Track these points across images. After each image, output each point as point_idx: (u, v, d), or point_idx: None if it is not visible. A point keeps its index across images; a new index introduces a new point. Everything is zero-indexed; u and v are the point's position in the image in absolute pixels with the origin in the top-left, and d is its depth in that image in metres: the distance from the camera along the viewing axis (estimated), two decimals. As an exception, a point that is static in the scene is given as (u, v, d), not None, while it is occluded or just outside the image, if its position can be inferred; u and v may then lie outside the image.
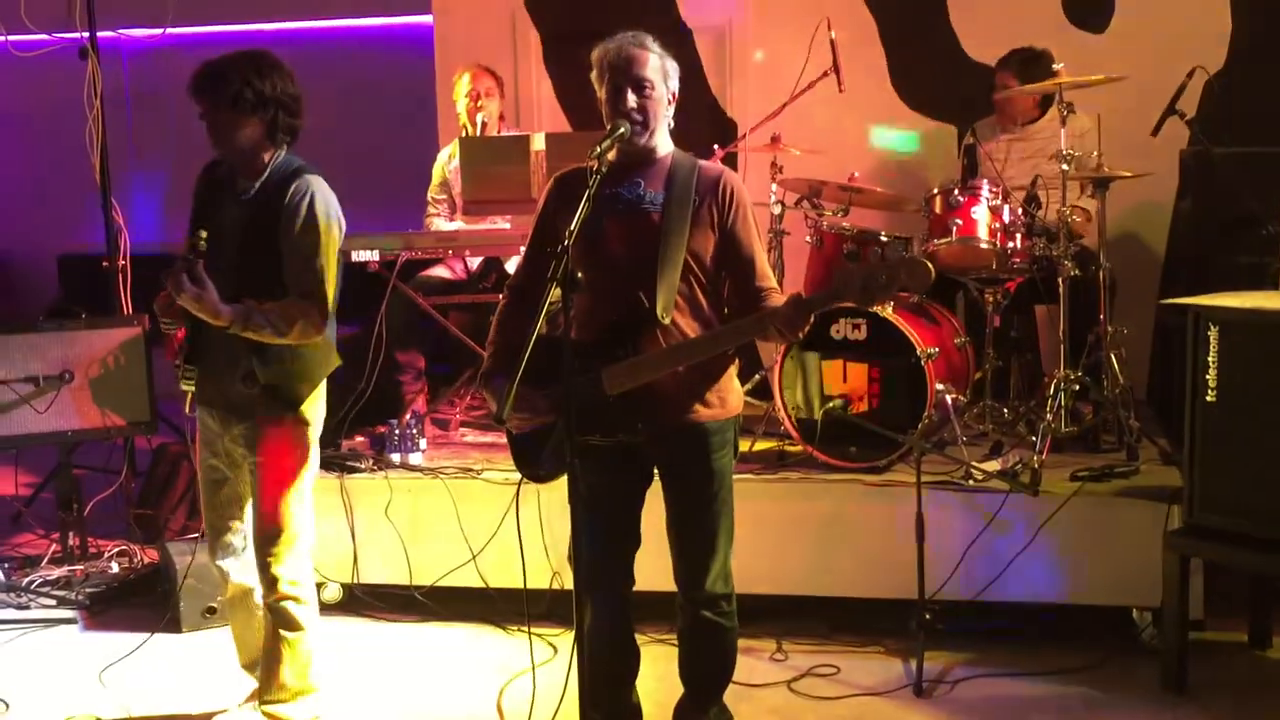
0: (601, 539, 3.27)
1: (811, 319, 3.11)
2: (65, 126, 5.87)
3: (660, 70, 3.25)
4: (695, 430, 3.29)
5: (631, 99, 3.21)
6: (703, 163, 3.34)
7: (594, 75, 3.29)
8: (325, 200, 3.54)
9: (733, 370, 3.38)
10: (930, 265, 2.99)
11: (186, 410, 3.78)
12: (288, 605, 3.67)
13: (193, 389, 3.69)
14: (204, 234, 3.43)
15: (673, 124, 3.34)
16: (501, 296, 3.47)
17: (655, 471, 3.41)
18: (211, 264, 3.44)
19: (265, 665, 3.75)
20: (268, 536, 3.64)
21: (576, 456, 2.94)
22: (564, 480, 2.99)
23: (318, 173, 3.59)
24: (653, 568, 3.45)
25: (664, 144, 3.33)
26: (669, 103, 3.30)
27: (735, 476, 4.42)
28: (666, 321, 3.20)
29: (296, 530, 3.66)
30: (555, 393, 3.19)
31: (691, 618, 3.42)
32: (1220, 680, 4.04)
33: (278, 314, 3.46)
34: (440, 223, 5.73)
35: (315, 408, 3.69)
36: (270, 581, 3.65)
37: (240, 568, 3.78)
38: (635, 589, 3.49)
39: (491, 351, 3.39)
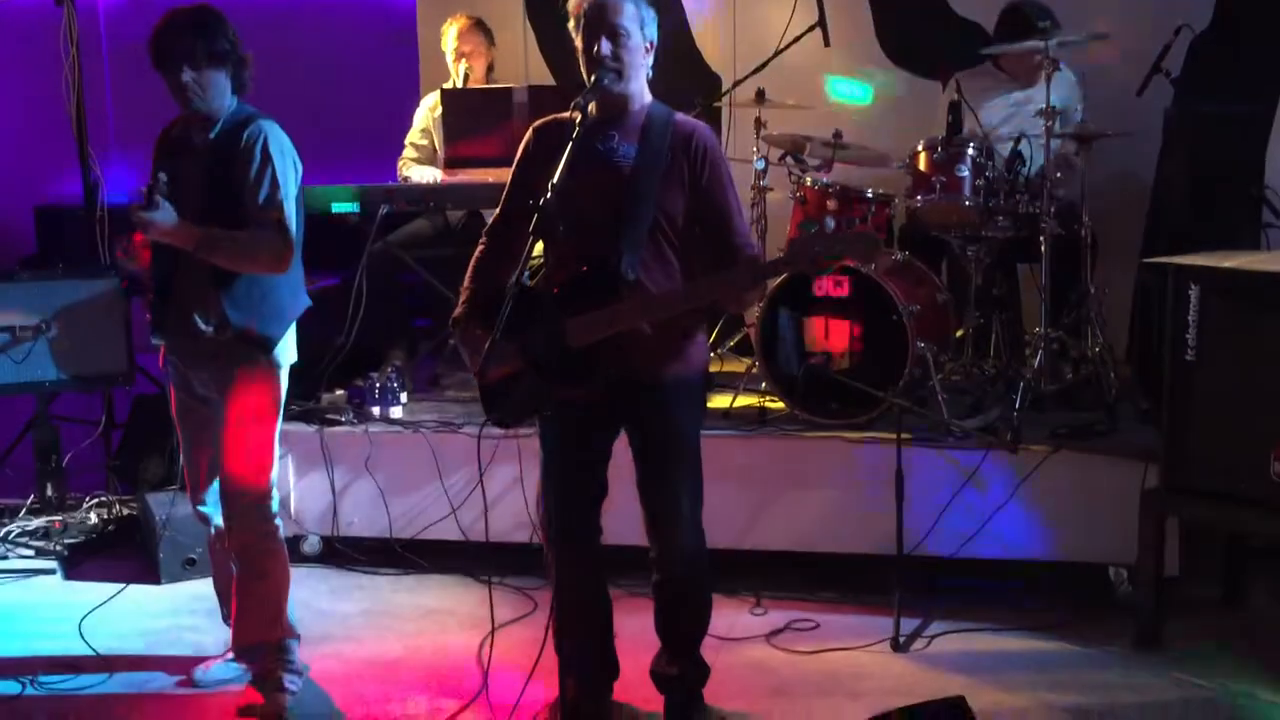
0: (568, 491, 3.28)
1: (764, 285, 3.12)
2: (42, 75, 5.79)
3: (637, 18, 3.21)
4: (658, 386, 3.29)
5: (606, 46, 3.18)
6: (679, 117, 3.31)
7: (571, 25, 3.26)
8: (278, 140, 3.62)
9: (701, 327, 3.38)
10: (878, 239, 3.02)
11: (161, 364, 3.78)
12: (251, 548, 3.69)
13: (163, 340, 3.72)
14: (163, 176, 3.49)
15: (651, 74, 3.31)
16: (480, 242, 3.45)
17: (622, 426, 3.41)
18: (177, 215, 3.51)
19: (237, 610, 3.77)
20: (235, 479, 3.66)
21: (543, 407, 2.97)
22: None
23: (271, 118, 3.66)
24: (629, 522, 3.46)
25: (641, 95, 3.30)
26: (646, 51, 3.26)
27: (716, 433, 4.44)
28: (630, 277, 3.18)
29: (261, 472, 3.69)
30: (522, 343, 3.19)
31: (664, 572, 3.43)
32: (1194, 637, 4.07)
33: (244, 240, 3.54)
34: (416, 169, 5.66)
35: (286, 349, 3.73)
36: (233, 523, 3.68)
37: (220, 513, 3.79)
38: (611, 543, 3.51)
39: (466, 297, 3.38)
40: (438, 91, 5.61)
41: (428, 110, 5.76)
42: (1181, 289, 3.93)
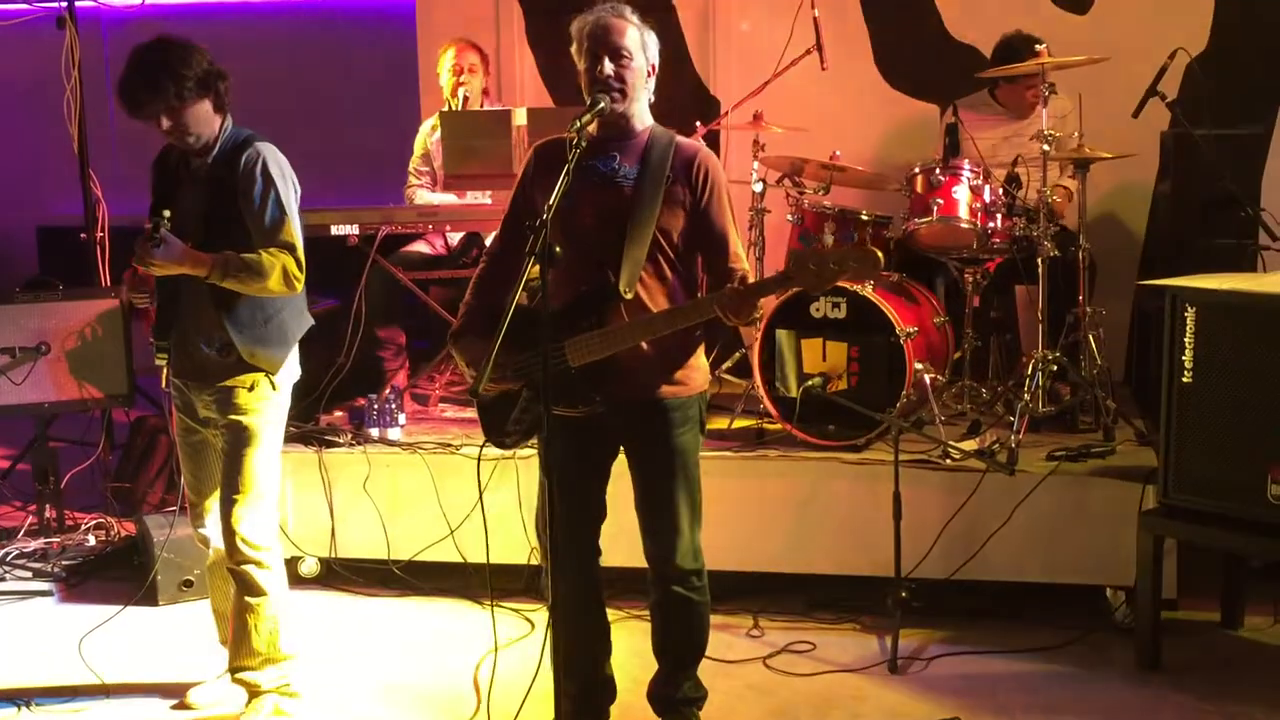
0: (567, 512, 3.28)
1: (759, 304, 3.12)
2: (44, 96, 5.82)
3: (639, 41, 3.25)
4: (656, 406, 3.30)
5: (608, 67, 3.20)
6: (680, 139, 3.34)
7: (574, 49, 3.29)
8: (277, 162, 3.62)
9: (699, 349, 3.38)
10: (879, 254, 3.00)
11: (163, 385, 3.79)
12: (250, 569, 3.69)
13: (166, 362, 3.71)
14: (167, 213, 3.47)
15: (653, 98, 3.34)
16: (481, 260, 3.48)
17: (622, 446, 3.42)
18: None
19: (234, 632, 3.77)
20: (233, 499, 3.66)
21: (540, 427, 2.98)
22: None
23: (266, 139, 3.65)
24: (627, 543, 3.45)
25: (643, 117, 3.32)
26: (648, 75, 3.29)
27: (714, 454, 4.43)
28: (629, 296, 3.20)
29: (262, 493, 3.69)
30: (519, 362, 3.21)
31: (662, 593, 3.43)
32: (1193, 659, 4.07)
33: (257, 261, 3.52)
34: (423, 194, 5.70)
35: (288, 370, 3.73)
36: (233, 544, 3.67)
37: (220, 534, 3.79)
38: (610, 565, 3.51)
39: (464, 312, 3.41)
40: (436, 115, 5.64)
41: (425, 135, 5.78)
42: (1178, 311, 3.94)
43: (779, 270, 3.20)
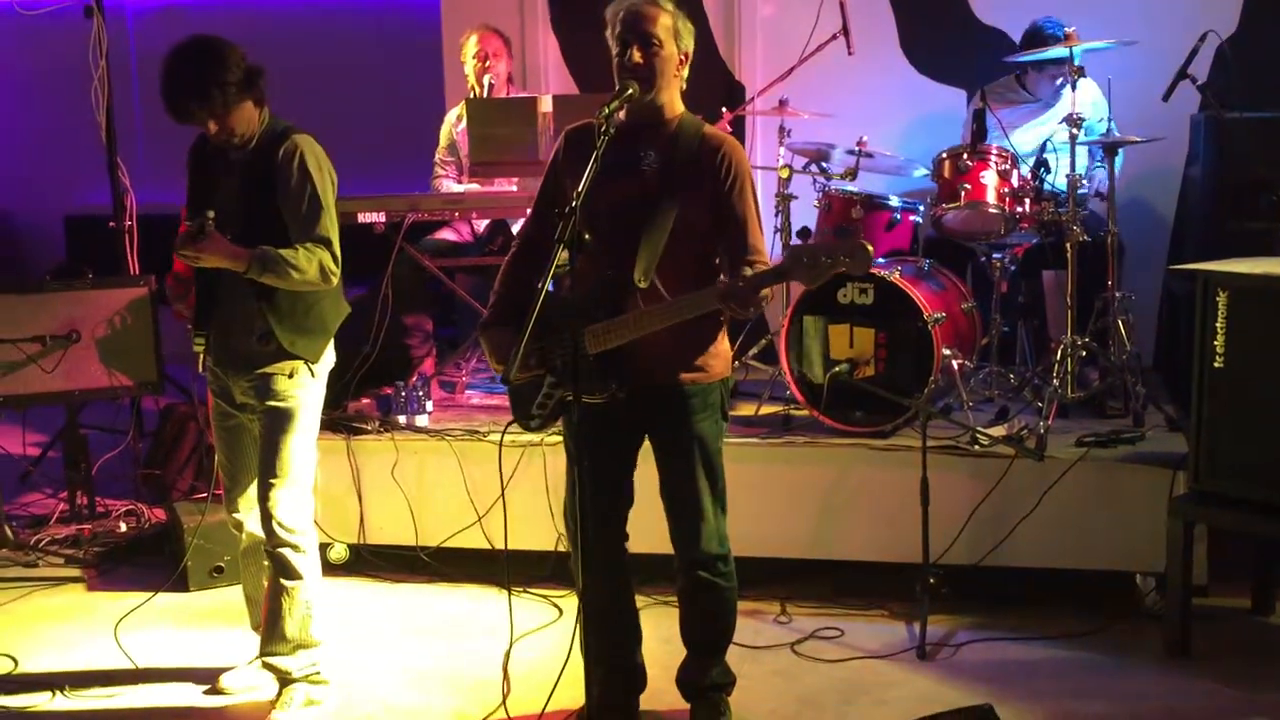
0: (593, 498, 3.29)
1: (759, 295, 3.09)
2: (71, 86, 5.86)
3: (671, 29, 3.23)
4: (675, 393, 3.31)
5: (636, 54, 3.19)
6: (708, 129, 3.32)
7: (608, 34, 3.27)
8: (315, 155, 3.63)
9: (720, 335, 3.37)
10: (869, 248, 2.98)
11: (200, 369, 3.82)
12: (285, 552, 3.72)
13: (204, 348, 3.75)
14: (211, 214, 3.49)
15: (685, 85, 3.32)
16: (512, 246, 3.49)
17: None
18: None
19: (268, 617, 3.80)
20: (270, 483, 3.69)
21: (565, 413, 2.96)
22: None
23: (304, 130, 3.66)
24: (657, 529, 3.46)
25: (673, 105, 3.31)
26: (680, 63, 3.27)
27: (740, 440, 4.42)
28: (644, 285, 3.19)
29: (298, 477, 3.72)
30: (542, 348, 3.23)
31: (689, 579, 3.44)
32: (1223, 646, 4.05)
33: (294, 256, 3.54)
34: (449, 184, 5.71)
35: (325, 357, 3.77)
36: (270, 528, 3.70)
37: (255, 518, 3.82)
38: (640, 551, 3.52)
39: (493, 301, 3.44)
40: (461, 104, 5.64)
41: (450, 125, 5.79)
42: (1210, 295, 3.91)
43: (775, 264, 3.19)
